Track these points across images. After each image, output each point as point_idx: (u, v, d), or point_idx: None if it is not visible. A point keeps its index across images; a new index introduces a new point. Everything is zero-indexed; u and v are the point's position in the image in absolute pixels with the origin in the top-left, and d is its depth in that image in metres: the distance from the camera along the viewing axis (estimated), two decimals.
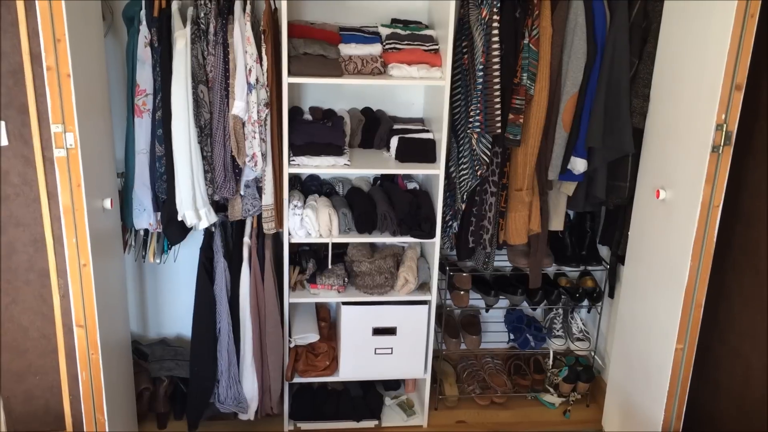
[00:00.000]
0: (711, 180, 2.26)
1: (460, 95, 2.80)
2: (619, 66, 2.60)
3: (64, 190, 2.19)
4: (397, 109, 3.12)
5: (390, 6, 2.97)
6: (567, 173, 2.77)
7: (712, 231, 2.31)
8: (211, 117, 2.60)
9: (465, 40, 2.74)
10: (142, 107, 2.58)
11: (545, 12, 2.58)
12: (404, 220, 2.82)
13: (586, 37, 2.60)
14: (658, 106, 2.57)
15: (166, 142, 2.55)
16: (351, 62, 2.73)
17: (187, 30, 2.52)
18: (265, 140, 2.64)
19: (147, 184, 2.62)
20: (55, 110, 2.13)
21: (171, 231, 2.64)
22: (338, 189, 3.05)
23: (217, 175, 2.63)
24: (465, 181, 2.78)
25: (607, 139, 2.64)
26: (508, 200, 2.81)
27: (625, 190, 2.75)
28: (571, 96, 2.65)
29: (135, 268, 3.09)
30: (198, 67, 2.55)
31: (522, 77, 2.62)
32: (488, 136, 2.66)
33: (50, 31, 2.07)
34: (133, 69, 2.57)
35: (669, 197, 2.46)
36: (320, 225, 2.79)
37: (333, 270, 2.91)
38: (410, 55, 2.76)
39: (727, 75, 2.17)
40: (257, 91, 2.58)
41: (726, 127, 2.21)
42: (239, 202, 2.75)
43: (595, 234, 3.16)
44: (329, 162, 2.76)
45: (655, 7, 2.59)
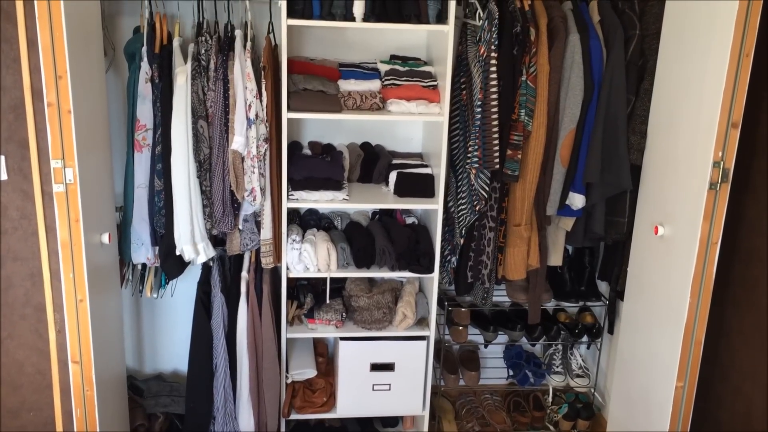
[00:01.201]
0: (709, 217, 2.26)
1: (459, 131, 2.82)
2: (616, 103, 2.62)
3: (62, 226, 2.19)
4: (396, 144, 3.14)
5: (389, 42, 3.01)
6: (565, 209, 2.77)
7: (711, 268, 2.30)
8: (211, 152, 2.61)
9: (463, 76, 2.77)
10: (141, 142, 2.59)
11: (542, 50, 2.61)
12: (403, 254, 2.82)
13: (583, 74, 2.62)
14: (656, 142, 2.58)
15: (165, 176, 2.56)
16: (350, 98, 2.75)
17: (188, 66, 2.54)
18: (264, 175, 2.65)
19: (145, 219, 2.62)
20: (55, 146, 2.14)
21: (169, 265, 2.64)
22: (337, 223, 3.06)
23: (216, 209, 2.63)
24: (463, 216, 2.78)
25: (605, 175, 2.65)
26: (506, 235, 2.81)
27: (623, 225, 2.75)
28: (569, 132, 2.67)
29: (132, 302, 3.07)
30: (198, 102, 2.57)
31: (520, 113, 2.64)
32: (487, 171, 2.67)
33: (52, 67, 2.09)
34: (134, 104, 2.59)
35: (667, 233, 2.46)
36: (318, 259, 2.79)
37: (331, 305, 2.90)
38: (409, 91, 2.78)
39: (724, 113, 2.18)
40: (257, 126, 2.60)
41: (723, 165, 2.22)
42: (237, 236, 2.75)
43: (594, 269, 3.15)
44: (328, 197, 2.77)
45: (651, 45, 2.62)
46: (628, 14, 2.64)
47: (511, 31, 2.60)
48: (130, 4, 2.75)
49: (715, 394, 2.67)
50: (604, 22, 2.66)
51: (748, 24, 2.13)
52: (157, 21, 2.62)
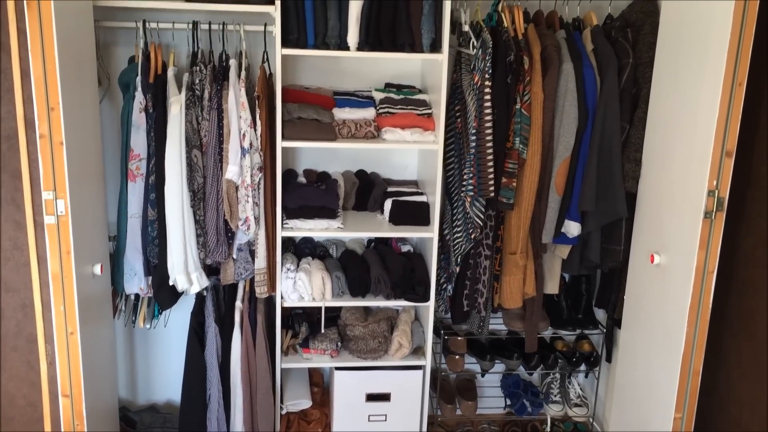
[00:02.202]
0: (705, 246, 2.25)
1: (454, 158, 2.81)
2: (610, 131, 2.62)
3: (53, 258, 2.17)
4: (391, 172, 3.14)
5: (384, 70, 3.01)
6: (561, 236, 2.76)
7: (708, 297, 2.28)
8: (205, 181, 2.61)
9: (458, 104, 2.77)
10: (135, 171, 2.58)
11: (536, 78, 2.61)
12: (398, 283, 2.80)
13: (577, 102, 2.62)
14: (650, 170, 2.58)
15: (158, 206, 2.55)
16: (345, 126, 2.75)
17: (182, 96, 2.54)
18: (258, 204, 2.64)
19: (138, 249, 2.61)
20: (46, 177, 2.13)
21: (162, 296, 2.62)
22: (332, 251, 3.04)
23: (210, 239, 2.62)
24: (459, 244, 2.77)
25: (600, 203, 2.64)
26: (502, 263, 2.79)
27: (619, 253, 2.74)
28: (564, 160, 2.66)
29: (125, 333, 3.05)
30: (192, 132, 2.57)
31: (514, 141, 2.64)
32: (482, 199, 2.66)
33: (44, 99, 2.09)
34: (128, 134, 2.58)
35: (663, 262, 2.44)
36: (313, 288, 2.77)
37: (326, 334, 2.88)
38: (404, 119, 2.78)
39: (717, 142, 2.18)
40: (251, 155, 2.59)
41: (718, 193, 2.21)
42: (231, 265, 2.73)
43: (591, 297, 3.13)
44: (323, 225, 2.76)
45: (644, 73, 2.62)
46: (621, 43, 2.65)
47: (505, 59, 2.61)
48: (125, 34, 2.76)
49: (713, 425, 2.63)
50: (597, 50, 2.67)
51: (740, 53, 2.13)
52: (152, 51, 2.63)
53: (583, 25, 2.79)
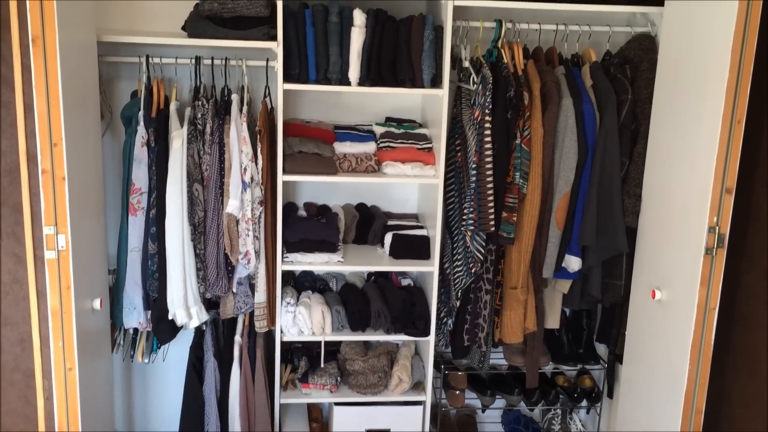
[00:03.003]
0: (706, 282, 2.24)
1: (454, 192, 2.82)
2: (610, 166, 2.63)
3: (53, 293, 2.17)
4: (391, 205, 3.14)
5: (384, 104, 3.03)
6: (562, 271, 2.75)
7: (710, 334, 2.27)
8: (205, 215, 2.61)
9: (458, 138, 2.79)
10: (136, 205, 2.59)
11: (536, 113, 2.63)
12: (398, 317, 2.79)
13: (576, 137, 2.64)
14: (650, 206, 2.58)
15: (159, 240, 2.55)
16: (345, 160, 2.76)
17: (184, 130, 2.56)
18: (258, 238, 2.64)
19: (138, 283, 2.60)
20: (48, 212, 2.13)
21: (161, 330, 2.61)
22: (332, 285, 3.03)
23: (210, 272, 2.61)
24: (459, 278, 2.76)
25: (600, 238, 2.64)
26: (503, 298, 2.78)
27: (620, 288, 2.73)
28: (564, 194, 2.67)
29: (123, 367, 3.02)
30: (194, 165, 2.58)
31: (515, 176, 2.65)
32: (482, 233, 2.66)
33: (47, 134, 2.10)
34: (129, 168, 2.59)
35: (665, 298, 2.43)
36: (313, 322, 2.76)
37: (326, 369, 2.86)
38: (404, 153, 2.80)
39: (717, 178, 2.19)
40: (252, 189, 2.60)
41: (718, 230, 2.22)
42: (231, 299, 2.72)
43: (592, 332, 3.11)
44: (323, 259, 2.75)
45: (643, 109, 2.64)
46: (620, 79, 2.67)
47: (505, 95, 2.63)
48: (128, 68, 2.78)
49: None
50: (596, 86, 2.69)
51: (739, 90, 2.15)
52: (155, 85, 2.65)
53: (582, 61, 2.81)
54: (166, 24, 2.76)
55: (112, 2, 2.78)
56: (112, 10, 2.78)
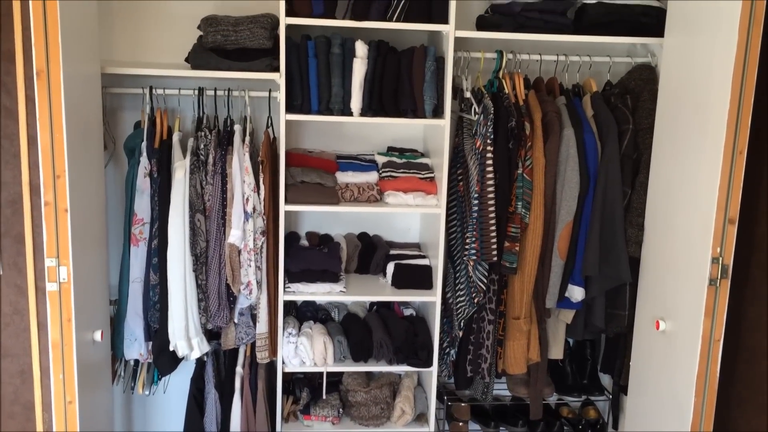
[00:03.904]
0: (710, 313, 2.23)
1: (456, 221, 2.82)
2: (612, 196, 2.63)
3: (54, 325, 2.16)
4: (393, 234, 3.14)
5: (386, 134, 3.04)
6: (565, 301, 2.74)
7: (715, 366, 2.25)
8: (207, 245, 2.61)
9: (460, 167, 2.79)
10: (138, 236, 2.59)
11: (537, 143, 2.64)
12: (401, 347, 2.77)
13: (578, 167, 2.64)
14: (653, 236, 2.58)
15: (161, 270, 2.55)
16: (347, 190, 2.76)
17: (187, 160, 2.57)
18: (260, 268, 2.64)
19: (139, 314, 2.59)
20: (50, 244, 2.13)
21: (162, 362, 2.59)
22: (334, 315, 3.02)
23: (211, 303, 2.60)
24: (462, 308, 2.75)
25: (603, 268, 2.64)
26: (506, 328, 2.77)
27: (624, 318, 2.71)
28: (566, 224, 2.67)
29: (123, 399, 2.99)
30: (196, 196, 2.58)
31: (517, 206, 2.65)
32: (485, 263, 2.65)
33: (50, 166, 2.10)
34: (132, 198, 2.60)
35: (669, 329, 2.42)
36: (315, 353, 2.74)
37: (327, 400, 2.83)
38: (406, 183, 2.80)
39: (720, 209, 2.18)
40: (254, 219, 2.60)
41: (722, 261, 2.21)
42: (233, 330, 2.71)
43: (596, 362, 3.09)
44: (325, 289, 2.74)
45: (644, 139, 2.65)
46: (621, 109, 2.68)
47: (507, 125, 2.64)
48: (131, 99, 2.80)
49: None
50: (597, 116, 2.70)
51: (740, 121, 2.15)
52: (158, 116, 2.66)
53: (583, 91, 2.83)
54: (169, 55, 2.79)
55: (117, 34, 2.81)
56: (116, 42, 2.81)
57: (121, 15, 2.80)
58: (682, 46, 2.44)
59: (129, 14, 2.81)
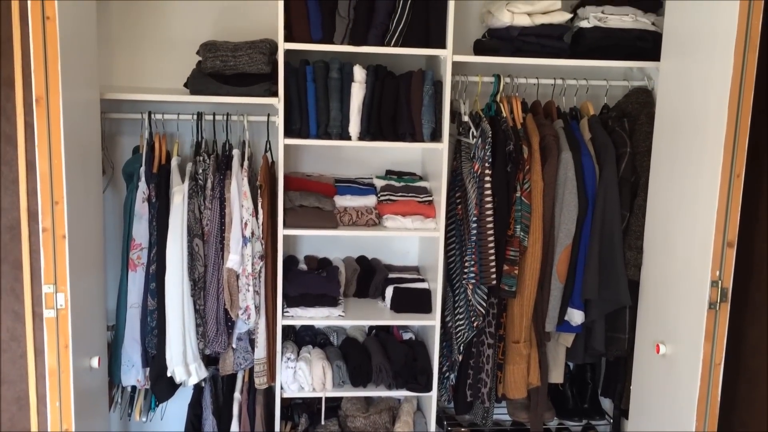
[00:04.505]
0: (710, 337, 2.22)
1: (455, 245, 2.82)
2: (610, 218, 2.63)
3: (50, 352, 2.14)
4: (392, 257, 3.13)
5: (385, 158, 3.05)
6: (564, 324, 2.73)
7: (716, 390, 2.23)
8: (206, 270, 2.60)
9: (458, 190, 2.79)
10: (136, 261, 2.58)
11: (535, 167, 2.64)
12: (400, 372, 2.76)
13: (576, 190, 2.64)
14: (652, 259, 2.57)
15: (159, 296, 2.54)
16: (346, 214, 2.76)
17: (185, 185, 2.57)
18: (258, 292, 2.63)
19: (137, 339, 2.58)
20: (47, 271, 2.12)
21: (159, 388, 2.57)
22: (333, 339, 3.00)
23: (209, 328, 2.59)
24: (461, 332, 2.74)
25: (602, 291, 2.63)
26: (505, 352, 2.75)
27: (624, 342, 2.70)
28: (565, 247, 2.66)
29: (120, 426, 2.96)
30: (194, 221, 2.58)
31: (515, 229, 2.65)
32: (484, 287, 2.64)
33: (49, 193, 2.10)
34: (130, 223, 2.60)
35: (669, 352, 2.40)
36: (314, 378, 2.72)
37: (326, 426, 2.81)
38: (404, 206, 2.80)
39: (718, 232, 2.18)
40: (252, 243, 2.60)
41: (721, 284, 2.20)
42: (231, 355, 2.69)
43: (597, 386, 3.07)
44: (323, 313, 2.74)
45: (642, 162, 2.65)
46: (618, 132, 2.69)
47: (505, 148, 2.65)
48: (130, 124, 2.81)
49: None
50: (595, 139, 2.71)
51: (737, 145, 2.16)
52: (156, 141, 2.67)
53: (580, 114, 2.84)
54: (168, 80, 2.80)
55: (116, 59, 2.82)
56: (115, 67, 2.83)
57: (121, 40, 2.82)
58: (678, 69, 2.46)
59: (128, 40, 2.83)
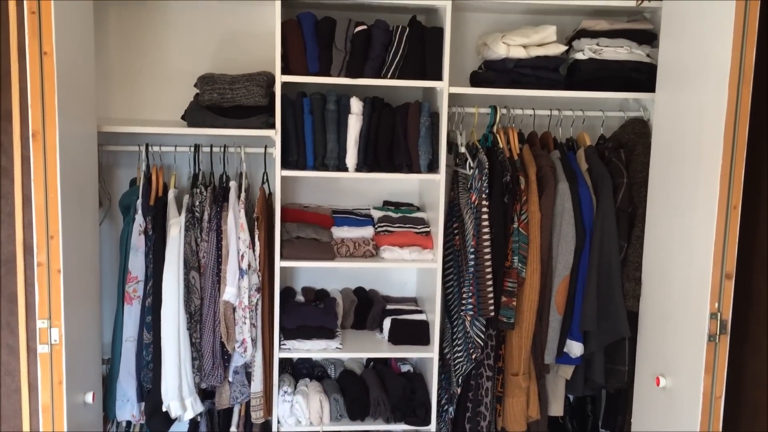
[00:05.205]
0: (711, 369, 2.20)
1: (453, 276, 2.80)
2: (608, 249, 2.63)
3: (44, 388, 2.12)
4: (390, 288, 3.12)
5: (382, 189, 3.05)
6: (564, 356, 2.71)
7: (717, 423, 2.21)
8: (202, 303, 2.59)
9: (456, 221, 2.79)
10: (132, 294, 2.56)
11: (533, 197, 2.64)
12: (398, 405, 2.73)
13: (573, 221, 2.64)
14: (651, 290, 2.56)
15: (154, 329, 2.52)
16: (343, 245, 2.76)
17: (182, 218, 2.56)
18: (255, 325, 2.61)
19: (132, 374, 2.56)
20: (42, 305, 2.10)
21: (154, 423, 2.55)
22: (330, 371, 2.98)
23: (206, 362, 2.57)
24: (460, 364, 2.71)
25: (601, 323, 2.61)
26: (504, 385, 2.73)
27: (624, 374, 2.68)
28: (563, 278, 2.65)
29: None
30: (191, 253, 2.57)
31: (513, 260, 2.64)
32: (482, 318, 2.63)
33: (44, 227, 2.09)
34: (126, 256, 2.58)
35: (669, 385, 2.38)
36: (311, 412, 2.69)
37: None
38: (402, 237, 2.80)
39: (716, 264, 2.17)
40: (249, 276, 2.58)
41: (720, 316, 2.19)
42: (227, 389, 2.67)
43: (597, 418, 3.03)
44: (321, 346, 2.72)
45: (639, 192, 2.65)
46: (615, 163, 2.69)
47: (502, 179, 2.65)
48: (128, 156, 2.81)
49: None
50: (592, 170, 2.71)
51: (733, 176, 2.15)
52: (153, 173, 2.67)
53: (577, 145, 2.84)
54: (166, 112, 2.81)
55: (114, 91, 2.84)
56: (113, 99, 2.84)
57: (119, 72, 2.84)
58: (673, 101, 2.47)
59: (127, 72, 2.84)
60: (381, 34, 2.61)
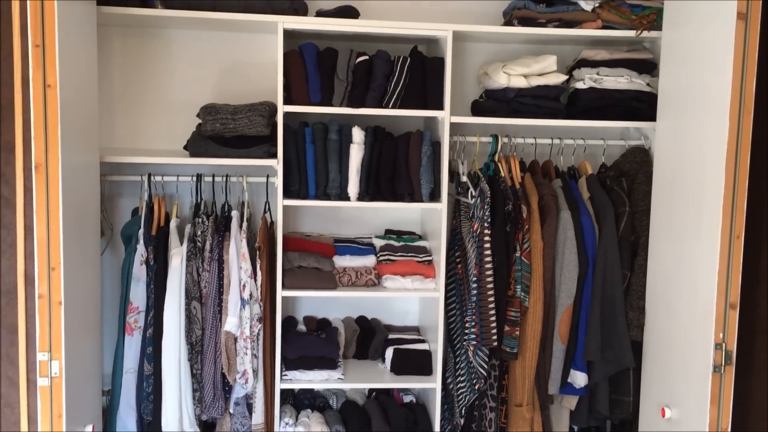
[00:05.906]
0: (716, 401, 2.18)
1: (455, 305, 2.79)
2: (611, 278, 2.61)
3: (44, 421, 2.10)
4: (392, 318, 3.10)
5: (384, 217, 3.05)
6: (568, 386, 2.68)
7: None
8: (203, 333, 2.57)
9: (458, 250, 2.78)
10: (133, 325, 2.55)
11: (535, 226, 2.64)
12: None
13: (576, 249, 2.63)
14: (655, 320, 2.54)
15: (155, 360, 2.51)
16: (345, 274, 2.75)
17: (184, 247, 2.56)
18: (257, 356, 2.60)
19: (132, 406, 2.53)
20: (42, 338, 2.09)
21: None
22: (332, 402, 2.95)
23: (206, 393, 2.55)
24: (463, 394, 2.69)
25: (605, 353, 2.59)
26: (508, 416, 2.70)
27: (629, 405, 2.65)
28: (566, 307, 2.64)
29: None
30: (192, 283, 2.56)
31: (516, 289, 2.63)
32: (485, 348, 2.61)
33: (45, 258, 2.09)
34: (128, 286, 2.57)
35: (675, 417, 2.35)
36: None
37: None
38: (404, 266, 2.79)
39: (720, 294, 2.16)
40: (251, 306, 2.57)
41: (725, 347, 2.17)
42: (228, 420, 2.64)
43: None
44: (323, 376, 2.70)
45: (641, 221, 2.65)
46: (617, 191, 2.69)
47: (504, 208, 2.65)
48: (130, 186, 2.81)
49: None
50: (593, 198, 2.71)
51: (736, 206, 2.15)
52: (156, 203, 2.67)
53: (578, 173, 2.85)
54: (168, 142, 2.82)
55: (117, 121, 2.85)
56: (116, 129, 2.85)
57: (122, 102, 2.85)
58: (674, 130, 2.47)
59: (129, 101, 2.86)
60: (382, 64, 2.63)
